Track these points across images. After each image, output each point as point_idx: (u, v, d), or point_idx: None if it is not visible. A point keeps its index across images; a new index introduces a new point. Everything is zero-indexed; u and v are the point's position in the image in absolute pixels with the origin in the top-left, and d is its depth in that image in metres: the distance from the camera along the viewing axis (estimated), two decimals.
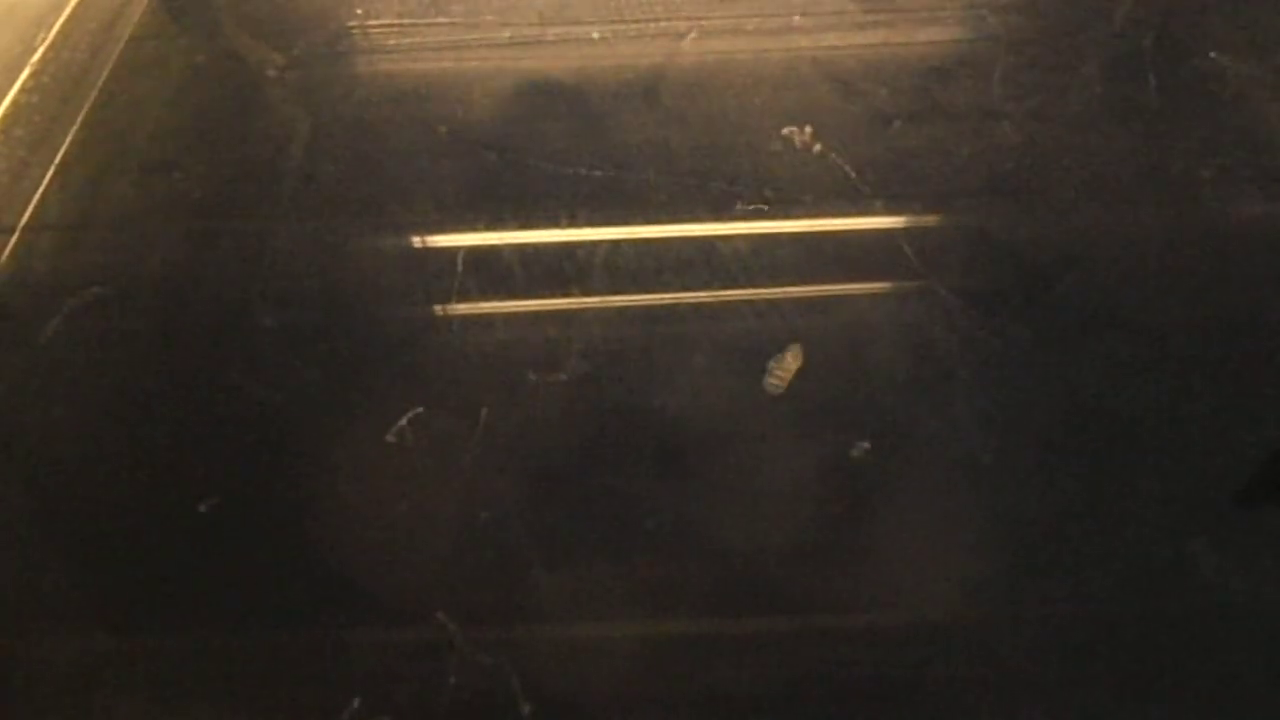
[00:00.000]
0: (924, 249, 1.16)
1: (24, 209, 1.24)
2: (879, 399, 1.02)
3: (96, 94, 1.38)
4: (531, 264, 1.15)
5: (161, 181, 1.27)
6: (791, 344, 1.05)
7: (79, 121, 1.35)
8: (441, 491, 0.97)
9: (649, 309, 1.11)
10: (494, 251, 1.17)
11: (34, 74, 1.42)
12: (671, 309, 1.11)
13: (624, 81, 1.37)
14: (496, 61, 1.42)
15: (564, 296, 1.12)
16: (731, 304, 1.11)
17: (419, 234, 1.20)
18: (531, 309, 1.12)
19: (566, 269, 1.15)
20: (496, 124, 1.32)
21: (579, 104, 1.34)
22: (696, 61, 1.40)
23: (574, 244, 1.18)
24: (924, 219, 1.19)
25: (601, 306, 1.11)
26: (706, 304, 1.11)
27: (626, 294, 1.12)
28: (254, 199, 1.24)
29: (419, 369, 1.06)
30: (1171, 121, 1.28)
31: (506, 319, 1.11)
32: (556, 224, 1.20)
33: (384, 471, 0.99)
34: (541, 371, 1.05)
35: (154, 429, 1.02)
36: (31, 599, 0.91)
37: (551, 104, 1.34)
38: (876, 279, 1.14)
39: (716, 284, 1.13)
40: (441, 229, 1.21)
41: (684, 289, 1.13)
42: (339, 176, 1.26)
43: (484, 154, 1.28)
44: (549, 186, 1.24)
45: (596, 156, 1.27)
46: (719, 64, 1.39)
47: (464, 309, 1.12)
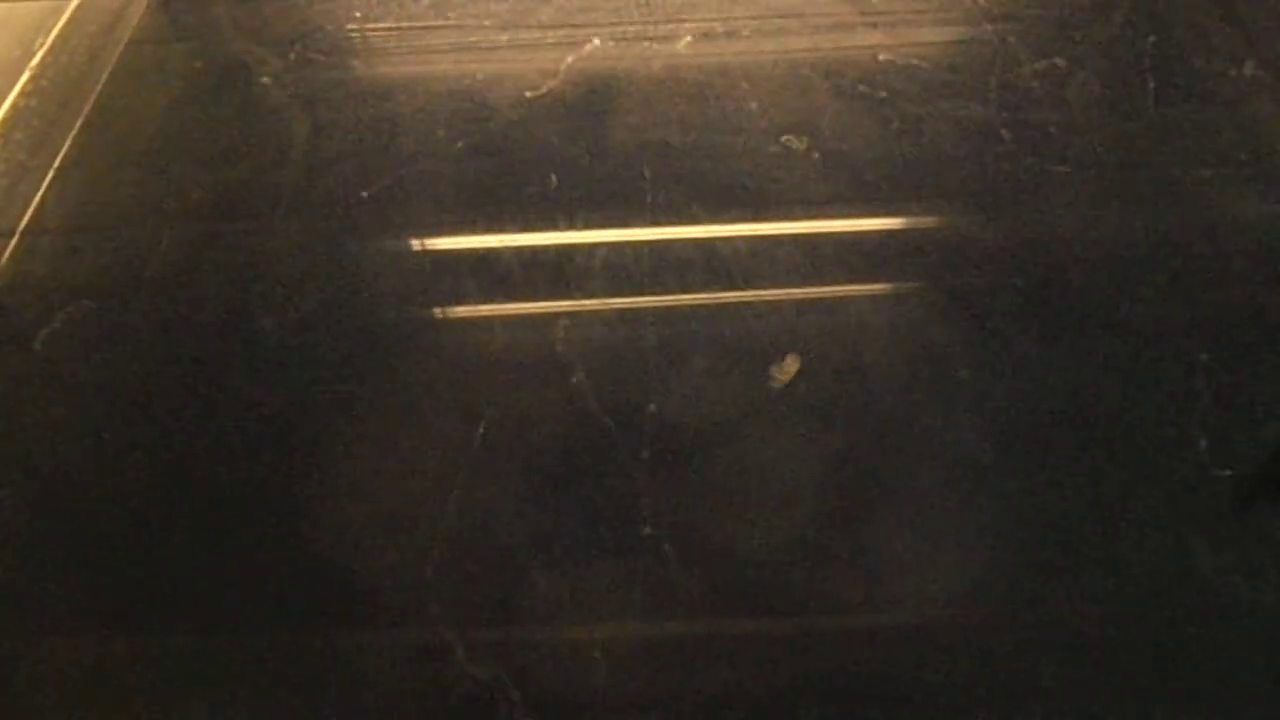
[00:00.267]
0: (924, 249, 1.16)
1: (23, 212, 1.24)
2: (879, 400, 1.02)
3: (95, 97, 1.38)
4: (531, 266, 1.15)
5: (160, 184, 1.27)
6: (791, 352, 1.05)
7: (78, 125, 1.35)
8: (441, 493, 0.97)
9: (648, 311, 1.11)
10: (493, 253, 1.17)
11: (33, 78, 1.42)
12: (671, 311, 1.11)
13: (623, 84, 1.37)
14: (495, 65, 1.42)
15: (564, 298, 1.12)
16: (731, 305, 1.11)
17: (418, 236, 1.20)
18: (531, 311, 1.12)
19: (566, 271, 1.15)
20: (495, 127, 1.32)
21: (578, 107, 1.34)
22: (696, 64, 1.40)
23: (573, 246, 1.18)
24: (923, 220, 1.19)
25: (601, 308, 1.11)
26: (706, 305, 1.11)
27: (626, 296, 1.12)
28: (252, 202, 1.24)
29: (418, 370, 1.06)
30: (1171, 121, 1.28)
31: (506, 320, 1.11)
32: (556, 226, 1.20)
33: (383, 472, 0.99)
34: (541, 373, 1.05)
35: (153, 430, 1.02)
36: (31, 599, 0.91)
37: (551, 107, 1.34)
38: (876, 280, 1.14)
39: (716, 286, 1.13)
40: (441, 231, 1.21)
41: (683, 291, 1.13)
42: (337, 179, 1.26)
43: (483, 157, 1.28)
44: (548, 189, 1.24)
45: (596, 159, 1.27)
46: (718, 66, 1.39)
47: (463, 310, 1.12)
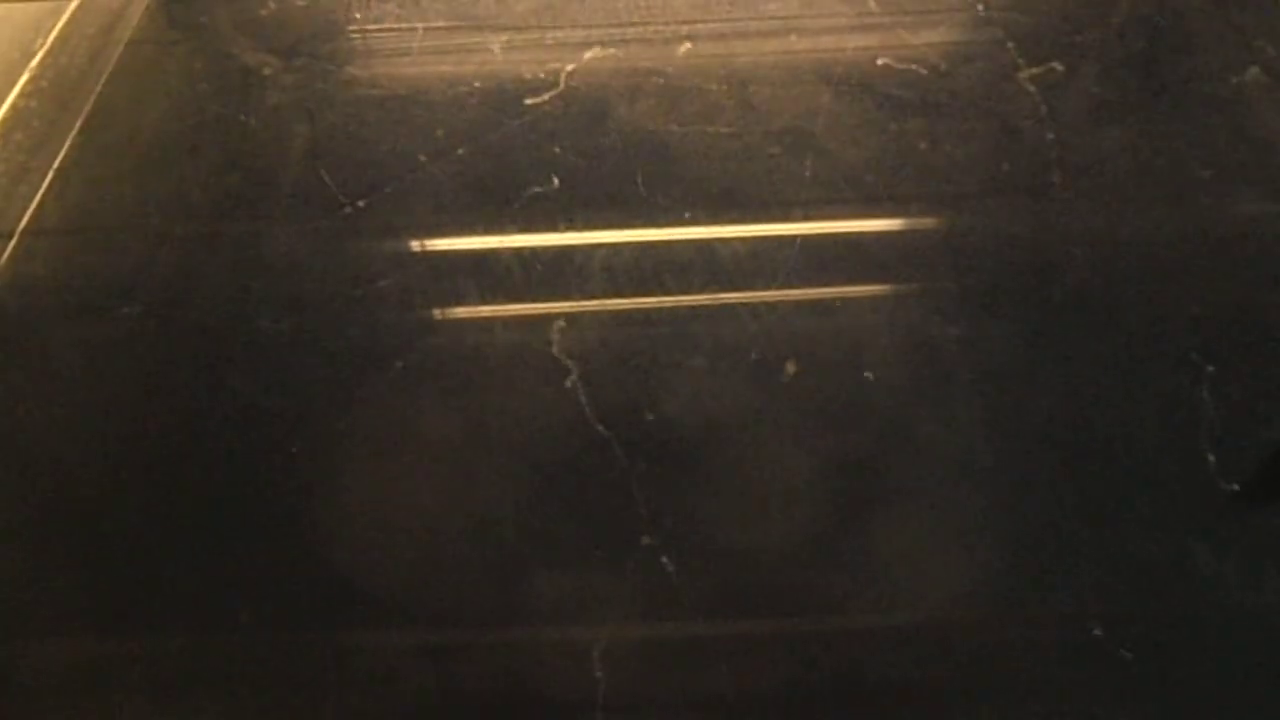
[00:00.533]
0: (923, 250, 1.16)
1: (23, 213, 1.24)
2: (879, 400, 1.02)
3: (95, 98, 1.39)
4: (530, 267, 1.15)
5: (160, 185, 1.27)
6: (788, 360, 1.06)
7: (78, 126, 1.35)
8: (441, 492, 0.97)
9: (647, 312, 1.11)
10: (493, 254, 1.17)
11: (33, 79, 1.42)
12: (670, 312, 1.11)
13: (623, 86, 1.37)
14: (494, 66, 1.42)
15: (563, 299, 1.12)
16: (730, 306, 1.11)
17: (417, 237, 1.20)
18: (530, 311, 1.12)
19: (565, 272, 1.15)
20: (495, 128, 1.32)
21: (578, 108, 1.34)
22: (695, 67, 1.40)
23: (572, 247, 1.18)
24: (923, 220, 1.19)
25: (600, 309, 1.11)
26: (705, 307, 1.11)
27: (625, 297, 1.12)
28: (252, 202, 1.24)
29: (417, 372, 1.06)
30: (1171, 121, 1.28)
31: (505, 321, 1.11)
32: (555, 228, 1.20)
33: (383, 473, 0.99)
34: (540, 373, 1.05)
35: (153, 430, 1.02)
36: (31, 600, 0.91)
37: (551, 109, 1.34)
38: (875, 281, 1.14)
39: (715, 287, 1.13)
40: (440, 232, 1.21)
41: (682, 292, 1.13)
42: (337, 180, 1.26)
43: (482, 158, 1.28)
44: (548, 190, 1.24)
45: (595, 161, 1.27)
46: (718, 69, 1.39)
47: (462, 311, 1.12)
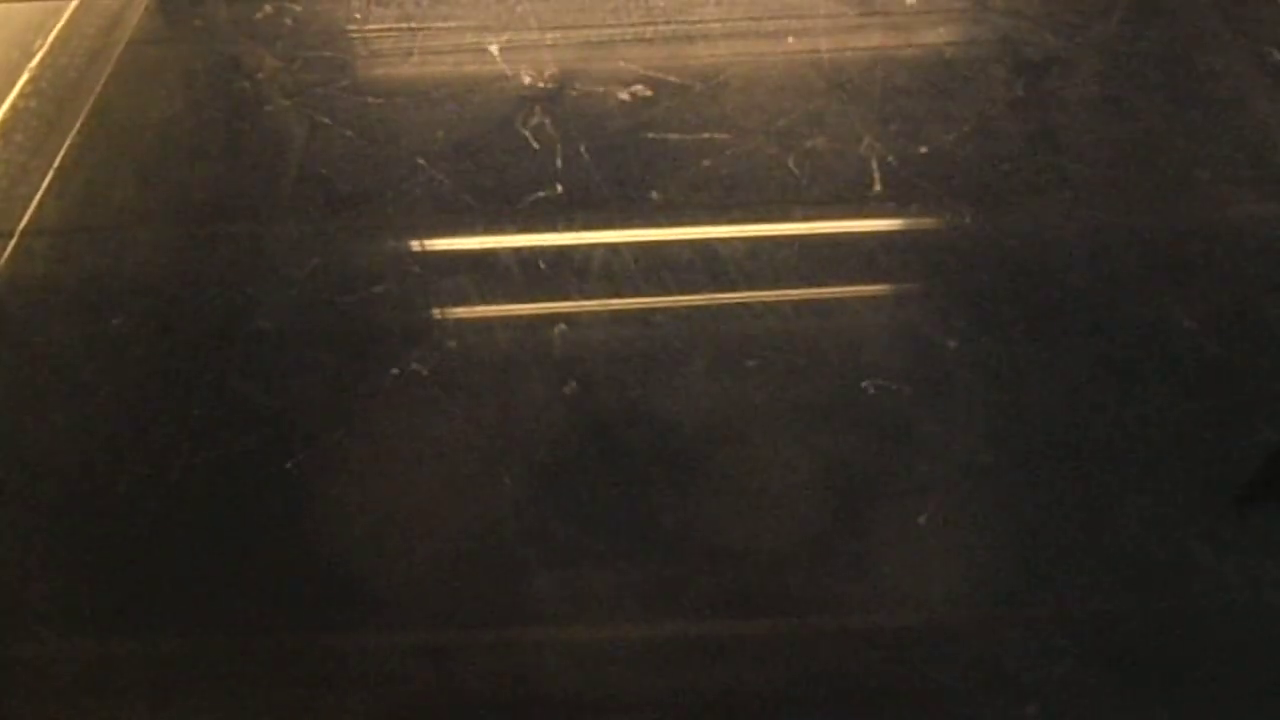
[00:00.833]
0: (924, 249, 1.16)
1: (23, 213, 1.24)
2: (879, 400, 1.02)
3: (95, 99, 1.39)
4: (529, 267, 1.15)
5: (160, 185, 1.27)
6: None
7: (77, 126, 1.35)
8: (441, 493, 0.97)
9: (647, 312, 1.11)
10: (492, 254, 1.17)
11: (32, 79, 1.42)
12: (670, 312, 1.11)
13: (622, 85, 1.37)
14: (494, 65, 1.42)
15: (562, 299, 1.12)
16: (730, 306, 1.11)
17: (417, 237, 1.20)
18: (530, 312, 1.12)
19: (565, 272, 1.15)
20: (495, 128, 1.32)
21: (577, 108, 1.34)
22: (695, 65, 1.40)
23: (572, 247, 1.17)
24: (923, 220, 1.19)
25: (599, 309, 1.11)
26: (705, 307, 1.11)
27: (624, 297, 1.12)
28: (252, 203, 1.24)
29: (417, 372, 1.06)
30: (1170, 121, 1.28)
31: (505, 322, 1.11)
32: (555, 228, 1.20)
33: (383, 474, 0.99)
34: (540, 373, 1.05)
35: (152, 431, 1.02)
36: (31, 600, 0.91)
37: (550, 108, 1.34)
38: (876, 281, 1.14)
39: (715, 287, 1.13)
40: (440, 232, 1.21)
41: (682, 292, 1.13)
42: (336, 180, 1.26)
43: (482, 157, 1.28)
44: (547, 190, 1.24)
45: (595, 160, 1.27)
46: (718, 67, 1.39)
47: (462, 311, 1.12)
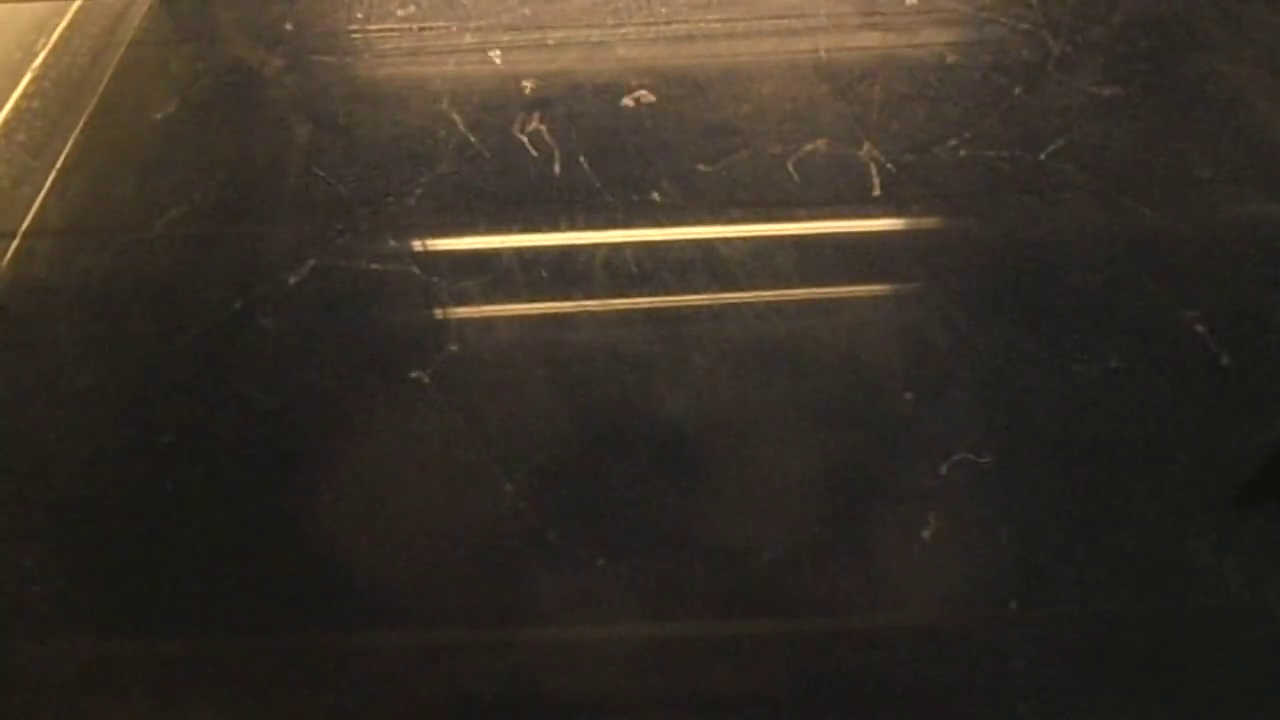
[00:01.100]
0: (924, 250, 1.16)
1: (25, 214, 1.24)
2: (879, 400, 1.02)
3: (98, 99, 1.39)
4: (531, 266, 1.16)
5: (162, 185, 1.27)
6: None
7: (80, 126, 1.35)
8: (441, 493, 0.97)
9: (648, 311, 1.11)
10: (493, 254, 1.17)
11: (35, 79, 1.42)
12: (671, 311, 1.11)
13: (622, 85, 1.37)
14: (496, 65, 1.42)
15: (564, 299, 1.12)
16: (731, 306, 1.11)
17: (418, 237, 1.20)
18: (531, 311, 1.12)
19: (567, 271, 1.15)
20: (495, 128, 1.32)
21: (578, 108, 1.34)
22: (697, 64, 1.40)
23: (574, 246, 1.18)
24: (923, 220, 1.19)
25: (600, 309, 1.11)
26: (706, 306, 1.11)
27: (626, 297, 1.12)
28: (254, 202, 1.25)
29: (417, 372, 1.06)
30: (1170, 121, 1.28)
31: (507, 321, 1.12)
32: (556, 227, 1.20)
33: (384, 474, 0.99)
34: (540, 373, 1.05)
35: (152, 431, 1.03)
36: (31, 600, 0.92)
37: (551, 107, 1.34)
38: (876, 281, 1.14)
39: (716, 287, 1.13)
40: (441, 232, 1.21)
41: (683, 292, 1.13)
42: (339, 180, 1.26)
43: (483, 158, 1.29)
44: (548, 189, 1.24)
45: (596, 160, 1.27)
46: (718, 68, 1.39)
47: (463, 311, 1.12)
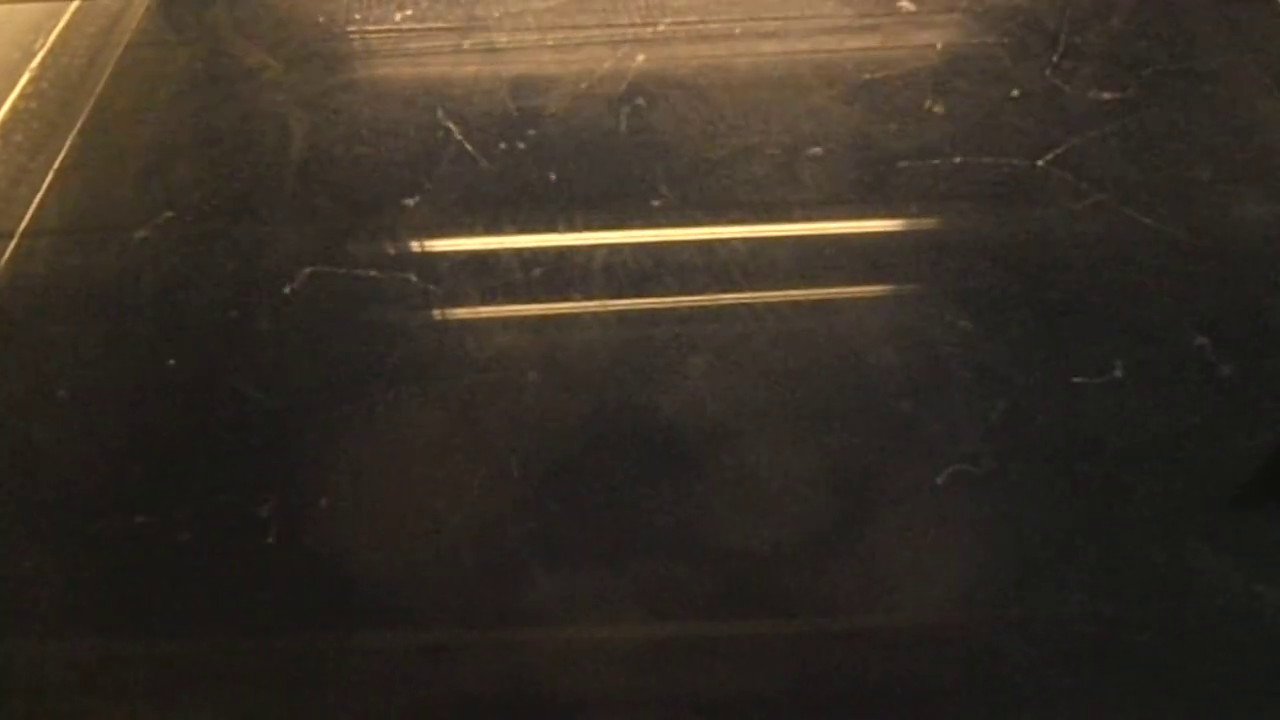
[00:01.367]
0: (924, 250, 1.16)
1: (23, 214, 1.24)
2: (879, 400, 1.02)
3: (95, 99, 1.39)
4: (530, 267, 1.15)
5: (160, 186, 1.27)
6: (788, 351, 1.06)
7: (78, 127, 1.35)
8: (441, 492, 0.97)
9: (647, 312, 1.11)
10: (492, 254, 1.17)
11: (33, 80, 1.42)
12: (670, 312, 1.11)
13: (621, 85, 1.37)
14: (495, 66, 1.42)
15: (563, 300, 1.12)
16: (731, 307, 1.11)
17: (417, 238, 1.20)
18: (530, 312, 1.12)
19: (565, 272, 1.15)
20: (494, 128, 1.32)
21: (576, 108, 1.34)
22: (695, 65, 1.40)
23: (573, 247, 1.18)
24: (923, 220, 1.19)
25: (600, 310, 1.11)
26: (706, 307, 1.11)
27: (625, 298, 1.12)
28: (252, 203, 1.24)
29: (417, 372, 1.06)
30: (1171, 122, 1.29)
31: (505, 322, 1.11)
32: (555, 228, 1.20)
33: (383, 474, 0.99)
34: (540, 373, 1.05)
35: (152, 431, 1.02)
36: (31, 600, 0.91)
37: (550, 107, 1.34)
38: (876, 281, 1.14)
39: (715, 287, 1.13)
40: (440, 233, 1.21)
41: (683, 292, 1.13)
42: (337, 180, 1.26)
43: (482, 158, 1.28)
44: (547, 189, 1.24)
45: (594, 160, 1.27)
46: (718, 67, 1.39)
47: (463, 312, 1.12)
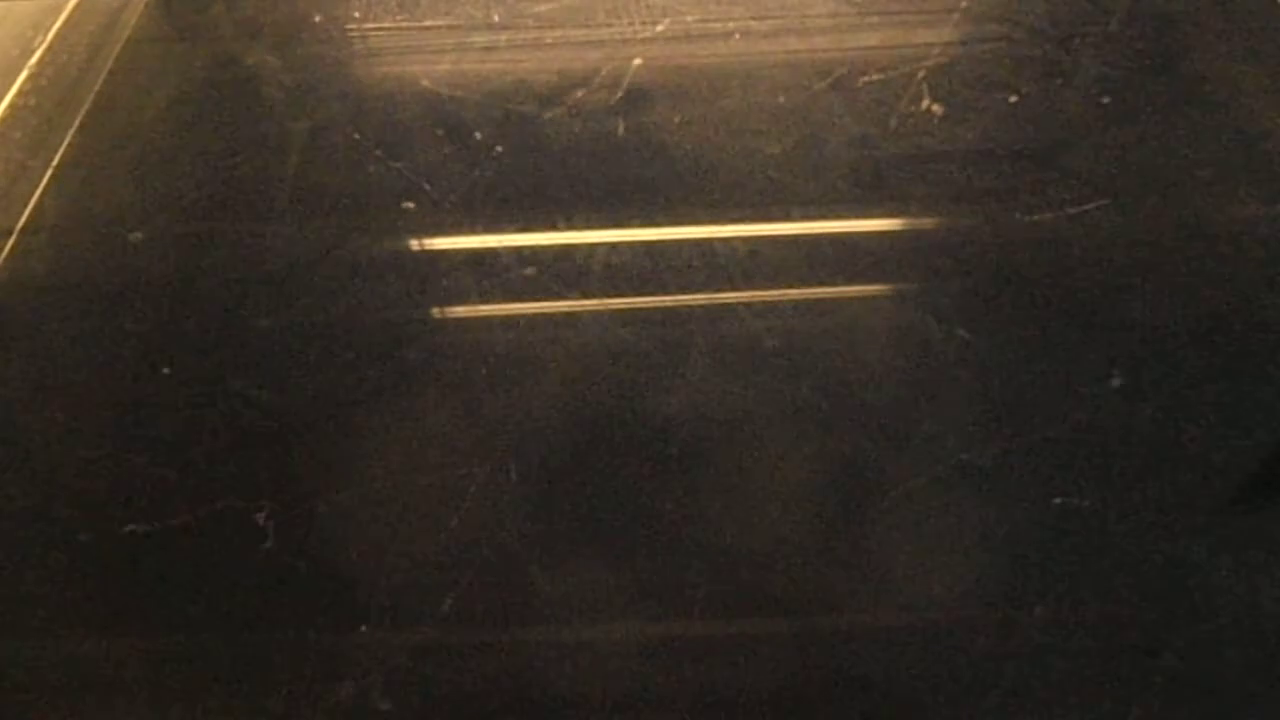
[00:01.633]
0: (924, 250, 1.16)
1: (21, 211, 1.24)
2: (878, 400, 1.02)
3: (94, 97, 1.38)
4: (529, 266, 1.15)
5: (159, 184, 1.27)
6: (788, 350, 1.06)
7: (76, 124, 1.35)
8: (441, 492, 0.97)
9: (647, 311, 1.11)
10: (492, 253, 1.17)
11: (31, 77, 1.42)
12: (670, 311, 1.11)
13: (620, 84, 1.37)
14: (494, 65, 1.42)
15: (563, 298, 1.12)
16: (730, 306, 1.11)
17: (417, 236, 1.20)
18: (530, 311, 1.12)
19: (565, 271, 1.15)
20: (494, 127, 1.32)
21: (577, 106, 1.34)
22: (695, 64, 1.40)
23: (572, 246, 1.17)
24: (923, 220, 1.19)
25: (600, 309, 1.11)
26: (705, 306, 1.11)
27: (625, 296, 1.12)
28: (252, 201, 1.24)
29: (418, 371, 1.06)
30: (1170, 122, 1.29)
31: (505, 321, 1.11)
32: (555, 226, 1.20)
33: (383, 473, 0.98)
34: (540, 373, 1.05)
35: (151, 431, 1.02)
36: (31, 600, 0.91)
37: (549, 106, 1.34)
38: (876, 281, 1.14)
39: (715, 286, 1.13)
40: (439, 231, 1.21)
41: (682, 291, 1.13)
42: (337, 179, 1.26)
43: (482, 157, 1.28)
44: (547, 188, 1.24)
45: (594, 159, 1.27)
46: (718, 66, 1.39)
47: (463, 311, 1.12)
